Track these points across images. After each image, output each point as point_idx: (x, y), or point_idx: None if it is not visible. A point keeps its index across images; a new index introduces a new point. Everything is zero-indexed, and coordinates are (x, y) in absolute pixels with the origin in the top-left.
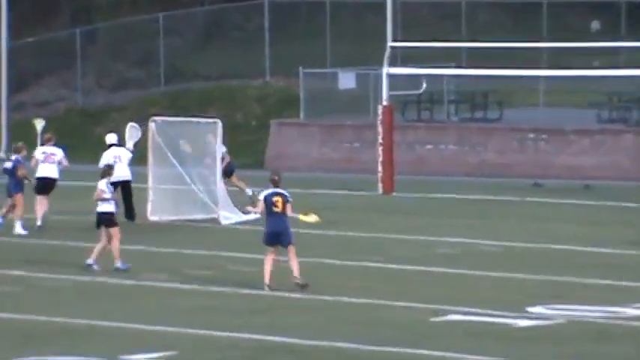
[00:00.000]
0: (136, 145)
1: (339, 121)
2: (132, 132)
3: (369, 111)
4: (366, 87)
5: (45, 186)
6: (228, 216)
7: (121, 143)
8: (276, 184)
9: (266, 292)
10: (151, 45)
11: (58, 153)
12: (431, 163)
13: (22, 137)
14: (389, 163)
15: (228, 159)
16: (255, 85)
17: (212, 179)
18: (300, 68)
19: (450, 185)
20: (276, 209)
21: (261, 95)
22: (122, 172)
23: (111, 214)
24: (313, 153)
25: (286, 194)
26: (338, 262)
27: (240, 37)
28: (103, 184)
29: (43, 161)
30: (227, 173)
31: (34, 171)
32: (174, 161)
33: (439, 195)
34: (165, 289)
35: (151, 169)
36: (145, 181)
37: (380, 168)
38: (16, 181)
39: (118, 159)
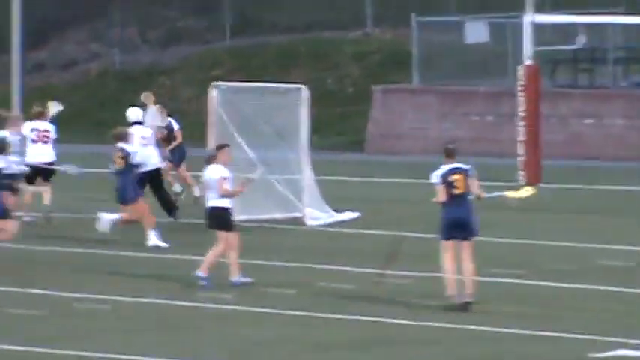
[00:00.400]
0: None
1: (465, 87)
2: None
3: (506, 73)
4: (502, 41)
5: (39, 173)
6: (317, 215)
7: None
8: (451, 157)
9: (378, 318)
10: None
11: (53, 131)
12: (590, 144)
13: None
14: (533, 143)
15: (179, 139)
16: (352, 38)
17: (296, 166)
18: (413, 16)
19: (616, 173)
20: (456, 191)
21: (360, 52)
22: (152, 159)
23: (224, 210)
24: (431, 130)
25: (466, 168)
26: None
27: None
28: (224, 171)
29: (35, 141)
30: (178, 159)
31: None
32: (242, 142)
33: (601, 187)
34: (230, 312)
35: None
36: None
37: (521, 150)
38: (135, 183)
39: (147, 141)
